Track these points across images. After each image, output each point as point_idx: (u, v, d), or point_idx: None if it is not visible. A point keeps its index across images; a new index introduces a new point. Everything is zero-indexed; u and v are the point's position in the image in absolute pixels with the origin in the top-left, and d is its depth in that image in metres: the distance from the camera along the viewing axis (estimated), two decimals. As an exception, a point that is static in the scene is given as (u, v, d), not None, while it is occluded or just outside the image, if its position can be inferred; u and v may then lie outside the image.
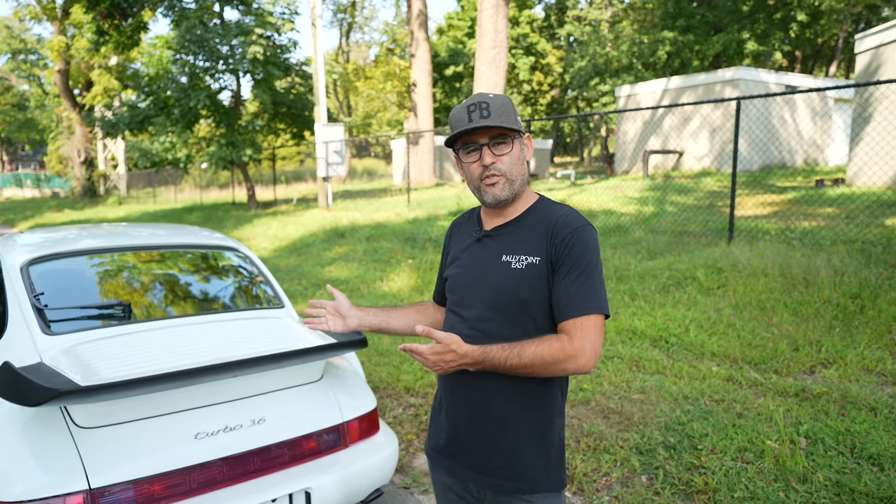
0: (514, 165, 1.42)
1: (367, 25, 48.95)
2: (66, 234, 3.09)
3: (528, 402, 1.42)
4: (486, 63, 14.13)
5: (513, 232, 1.45)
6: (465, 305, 1.47)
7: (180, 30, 15.40)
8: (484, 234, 1.49)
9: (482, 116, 1.37)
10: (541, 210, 1.47)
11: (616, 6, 32.50)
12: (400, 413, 3.76)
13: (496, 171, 1.41)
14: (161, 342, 2.23)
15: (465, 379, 1.43)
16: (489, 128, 1.39)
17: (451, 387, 1.50)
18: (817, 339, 4.32)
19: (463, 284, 1.49)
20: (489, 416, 1.43)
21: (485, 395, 1.43)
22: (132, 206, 25.56)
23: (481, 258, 1.47)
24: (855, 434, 3.01)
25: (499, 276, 1.41)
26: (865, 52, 11.79)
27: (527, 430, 1.43)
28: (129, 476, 1.80)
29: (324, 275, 8.15)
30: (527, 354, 1.31)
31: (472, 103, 1.40)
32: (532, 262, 1.38)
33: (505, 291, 1.39)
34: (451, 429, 1.50)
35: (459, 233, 1.60)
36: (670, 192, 11.70)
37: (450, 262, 1.59)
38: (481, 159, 1.41)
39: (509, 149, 1.42)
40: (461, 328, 1.46)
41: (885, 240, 6.02)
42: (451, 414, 1.50)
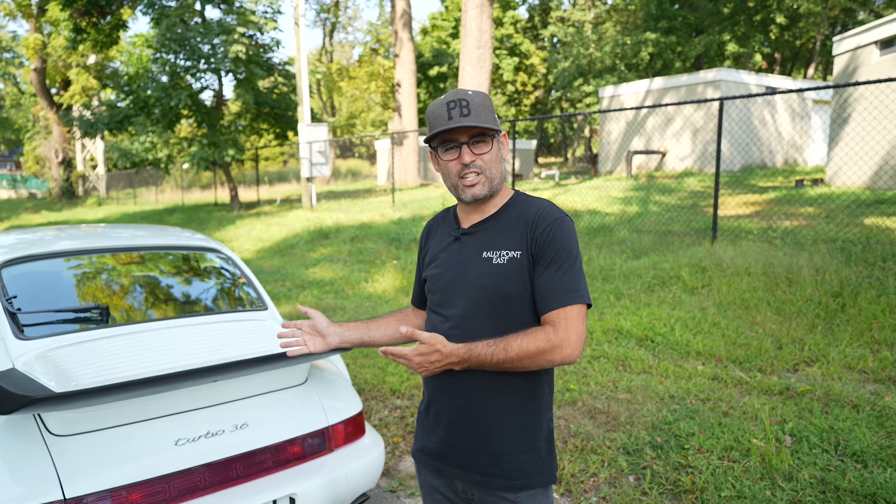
0: (493, 164, 1.42)
1: (350, 25, 48.77)
2: (43, 235, 3.00)
3: (516, 398, 1.41)
4: (470, 63, 14.13)
5: (491, 228, 1.44)
6: (448, 304, 1.45)
7: (160, 28, 15.19)
8: (462, 232, 1.48)
9: (462, 115, 1.36)
10: (518, 204, 1.46)
11: (599, 8, 32.73)
12: (386, 415, 3.72)
13: (476, 170, 1.40)
14: (140, 346, 2.17)
15: (453, 378, 1.41)
16: (469, 127, 1.37)
17: (438, 387, 1.47)
18: (800, 338, 4.36)
19: (444, 283, 1.47)
20: (478, 415, 1.41)
21: (473, 393, 1.41)
22: (112, 207, 25.16)
23: (461, 256, 1.45)
24: (839, 431, 3.03)
25: (481, 272, 1.40)
26: (843, 55, 11.99)
27: (516, 427, 1.41)
28: (105, 485, 1.74)
29: (308, 276, 8.07)
30: (512, 348, 1.30)
31: (451, 100, 1.37)
32: (514, 257, 1.38)
33: (488, 287, 1.38)
34: (440, 429, 1.48)
35: (437, 233, 1.58)
36: (654, 193, 11.79)
37: (428, 262, 1.56)
38: (460, 158, 1.40)
39: (488, 148, 1.40)
40: (444, 327, 1.44)
41: (864, 239, 6.11)
42: (439, 414, 1.48)
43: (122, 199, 30.07)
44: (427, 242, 1.61)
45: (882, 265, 5.22)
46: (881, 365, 3.85)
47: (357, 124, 41.10)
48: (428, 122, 1.43)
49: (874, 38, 10.96)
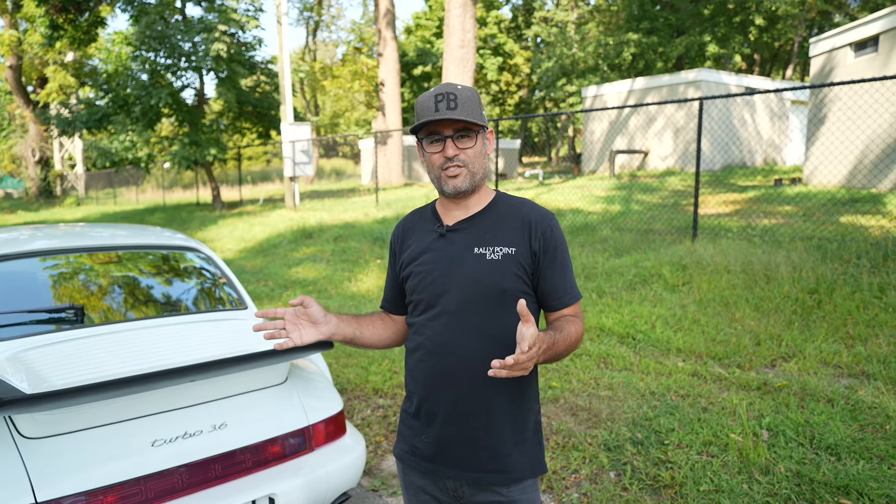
0: (477, 159, 1.43)
1: (333, 24, 48.45)
2: (18, 234, 2.94)
3: (510, 391, 1.42)
4: (454, 63, 14.14)
5: (479, 225, 1.45)
6: (438, 303, 1.43)
7: (140, 25, 14.97)
8: (448, 229, 1.47)
9: (449, 108, 1.36)
10: (504, 203, 1.49)
11: (582, 8, 32.94)
12: (368, 415, 3.71)
13: (459, 163, 1.41)
14: (116, 346, 2.14)
15: (447, 375, 1.42)
16: (454, 120, 1.38)
17: (431, 384, 1.45)
18: (778, 334, 4.43)
19: (433, 281, 1.44)
20: (473, 410, 1.41)
21: (466, 388, 1.41)
22: (91, 207, 24.76)
23: (450, 252, 1.44)
24: (814, 425, 3.09)
25: (474, 268, 1.40)
26: (819, 56, 12.20)
27: (509, 420, 1.42)
28: (79, 488, 1.71)
29: (291, 276, 8.02)
30: (571, 334, 1.37)
31: (439, 93, 1.38)
32: (508, 253, 1.39)
33: (483, 282, 1.39)
34: (433, 428, 1.46)
35: (414, 232, 1.55)
36: (636, 192, 11.89)
37: (409, 261, 1.52)
38: (444, 151, 1.40)
39: (473, 143, 1.41)
40: (434, 326, 1.43)
41: (839, 236, 6.22)
42: (432, 412, 1.46)
43: (101, 198, 29.61)
44: (404, 243, 1.56)
45: (857, 262, 5.32)
46: (855, 360, 3.93)
47: (341, 123, 40.91)
48: (416, 114, 1.43)
49: (849, 40, 11.18)
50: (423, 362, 1.46)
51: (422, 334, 1.47)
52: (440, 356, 1.43)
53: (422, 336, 1.47)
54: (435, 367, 1.44)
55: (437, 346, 1.44)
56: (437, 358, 1.44)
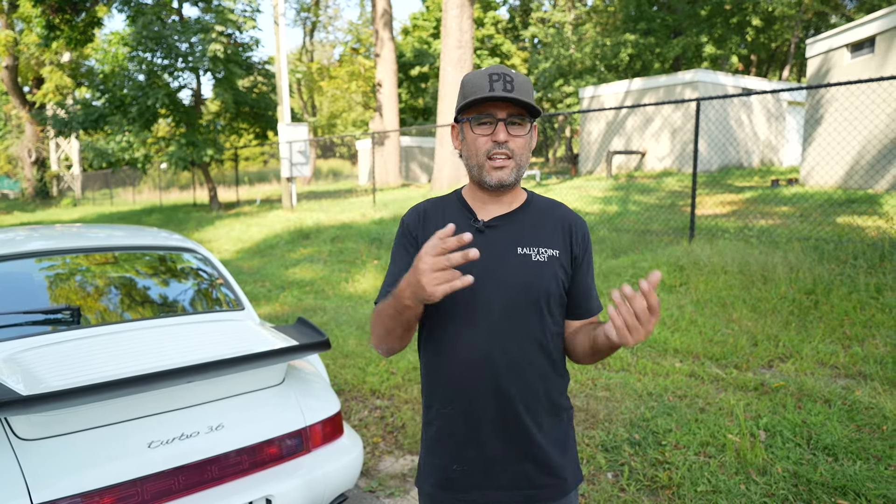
0: (524, 152, 1.30)
1: (331, 25, 48.46)
2: (14, 235, 2.93)
3: (554, 396, 1.35)
4: (451, 63, 14.14)
5: (520, 223, 1.34)
6: (476, 307, 1.28)
7: (137, 26, 14.94)
8: (486, 224, 1.33)
9: (505, 89, 1.23)
10: (540, 202, 1.41)
11: (579, 9, 32.98)
12: (366, 416, 3.70)
13: (507, 152, 1.27)
14: (112, 347, 2.13)
15: (490, 387, 1.29)
16: (511, 102, 1.24)
17: (468, 400, 1.31)
18: (775, 334, 4.44)
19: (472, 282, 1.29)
20: (521, 423, 1.30)
21: (515, 400, 1.29)
22: (88, 207, 24.70)
23: (490, 251, 1.29)
24: (811, 426, 3.09)
25: (520, 269, 1.29)
26: (816, 57, 12.24)
27: (555, 429, 1.35)
28: (75, 489, 1.70)
29: (288, 276, 8.00)
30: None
31: (494, 72, 1.25)
32: (553, 255, 1.32)
33: (532, 286, 1.28)
34: (471, 449, 1.32)
35: (441, 221, 1.35)
36: (633, 192, 11.91)
37: None
38: (494, 134, 1.26)
39: (525, 132, 1.28)
40: (475, 333, 1.28)
41: (836, 237, 6.24)
42: (471, 431, 1.31)
43: (98, 199, 29.53)
44: (426, 231, 1.36)
45: (853, 263, 5.33)
46: (852, 360, 3.93)
47: (338, 124, 40.89)
48: (462, 92, 1.30)
49: (845, 41, 11.21)
50: (463, 376, 1.30)
51: (455, 344, 1.30)
52: (483, 368, 1.28)
53: (456, 346, 1.30)
54: (478, 381, 1.29)
55: (478, 357, 1.28)
56: (479, 370, 1.28)
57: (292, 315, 5.95)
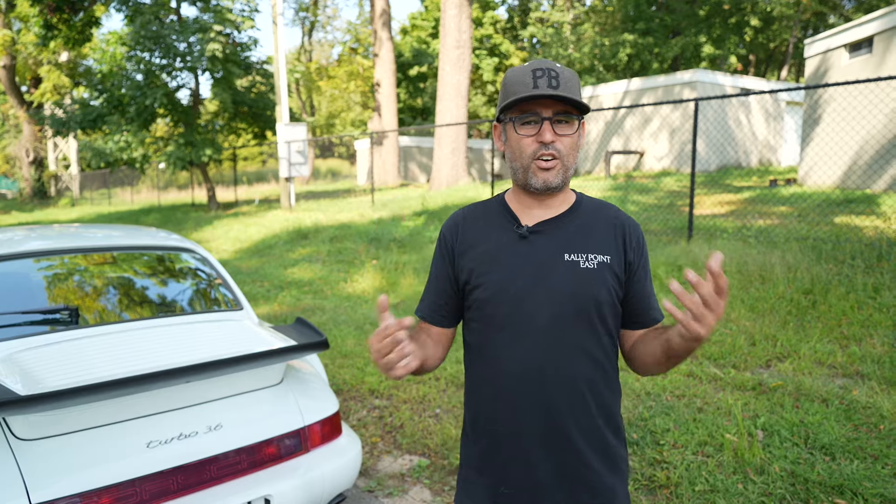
0: (572, 151, 1.22)
1: (329, 24, 48.40)
2: (12, 235, 2.93)
3: (609, 412, 1.27)
4: (450, 63, 14.14)
5: (567, 228, 1.25)
6: (523, 318, 1.21)
7: (135, 25, 14.93)
8: (530, 230, 1.25)
9: (551, 85, 1.16)
10: (588, 203, 1.31)
11: (578, 9, 33.00)
12: (364, 415, 3.71)
13: (554, 152, 1.19)
14: (111, 347, 2.13)
15: (539, 404, 1.21)
16: (558, 99, 1.16)
17: (516, 418, 1.23)
18: (773, 334, 4.44)
19: (517, 292, 1.22)
20: (572, 442, 1.23)
21: (567, 417, 1.22)
22: (86, 207, 24.66)
23: (535, 258, 1.22)
24: (808, 425, 3.10)
25: (568, 277, 1.21)
26: (814, 57, 12.25)
27: (608, 448, 1.27)
28: (74, 489, 1.70)
29: (287, 276, 8.00)
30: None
31: (538, 67, 1.18)
32: (603, 261, 1.23)
33: (580, 294, 1.20)
34: (518, 470, 1.24)
35: (481, 230, 1.30)
36: (632, 192, 11.92)
37: (477, 266, 1.28)
38: (539, 134, 1.19)
39: (572, 130, 1.21)
40: (522, 347, 1.22)
41: (834, 237, 6.25)
42: (518, 451, 1.24)
43: (96, 199, 29.49)
44: (464, 240, 1.31)
45: (851, 262, 5.34)
46: (850, 360, 3.94)
47: (337, 124, 40.87)
48: (504, 90, 1.23)
49: (843, 41, 11.23)
50: (510, 391, 1.23)
51: (502, 357, 1.24)
52: (532, 383, 1.21)
53: (502, 359, 1.24)
54: (526, 396, 1.22)
55: (526, 370, 1.21)
56: (527, 384, 1.21)
57: (291, 315, 5.95)
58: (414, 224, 10.04)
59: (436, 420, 3.55)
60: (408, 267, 7.64)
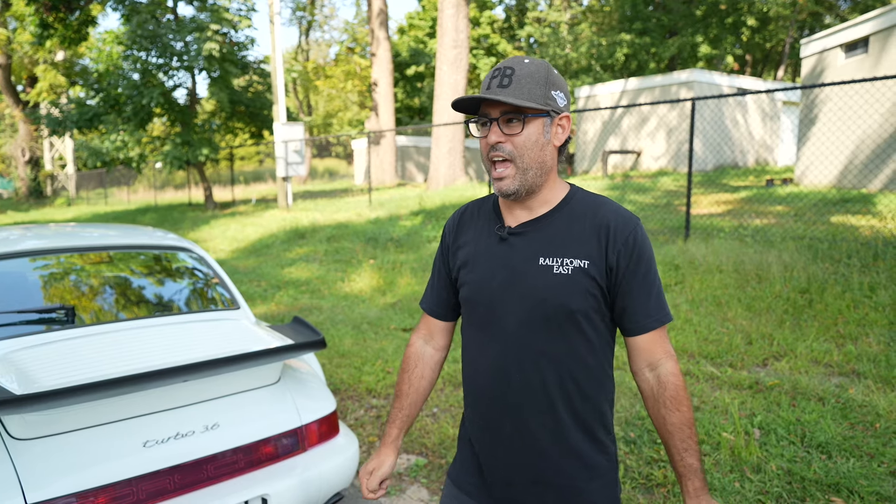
0: (528, 150, 1.17)
1: (326, 24, 48.37)
2: (8, 234, 2.92)
3: (584, 418, 1.25)
4: (447, 63, 14.14)
5: (546, 229, 1.22)
6: (495, 321, 1.23)
7: (131, 25, 14.89)
8: (510, 231, 1.24)
9: (500, 85, 1.15)
10: (579, 203, 1.24)
11: (575, 9, 33.03)
12: (362, 415, 3.70)
13: (504, 155, 1.17)
14: (107, 347, 2.12)
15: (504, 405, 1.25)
16: (489, 101, 1.16)
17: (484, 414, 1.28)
18: (769, 333, 4.45)
19: (490, 295, 1.23)
20: (537, 445, 1.25)
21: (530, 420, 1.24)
22: (82, 207, 24.60)
23: (511, 261, 1.22)
24: (805, 424, 3.10)
25: (538, 282, 1.18)
26: (810, 57, 12.29)
27: (582, 453, 1.25)
28: (70, 489, 1.70)
29: (284, 276, 7.99)
30: (691, 419, 1.24)
31: (498, 68, 1.18)
32: (580, 266, 1.17)
33: (549, 301, 1.17)
34: (487, 464, 1.30)
35: (471, 228, 1.33)
36: (629, 192, 11.93)
37: (461, 264, 1.31)
38: (487, 136, 1.19)
39: (519, 129, 1.16)
40: (494, 348, 1.24)
41: (830, 236, 6.27)
42: (487, 446, 1.30)
43: (92, 199, 29.41)
44: (458, 238, 1.34)
45: (847, 262, 5.36)
46: (846, 359, 3.95)
47: (334, 123, 40.84)
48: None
49: (839, 41, 11.26)
50: (481, 388, 1.28)
51: (479, 356, 1.28)
52: (500, 385, 1.23)
53: (479, 359, 1.28)
54: (494, 395, 1.25)
55: (495, 372, 1.24)
56: (495, 385, 1.24)
57: (288, 314, 5.94)
58: (411, 224, 10.04)
59: (433, 419, 3.55)
60: (405, 266, 7.64)
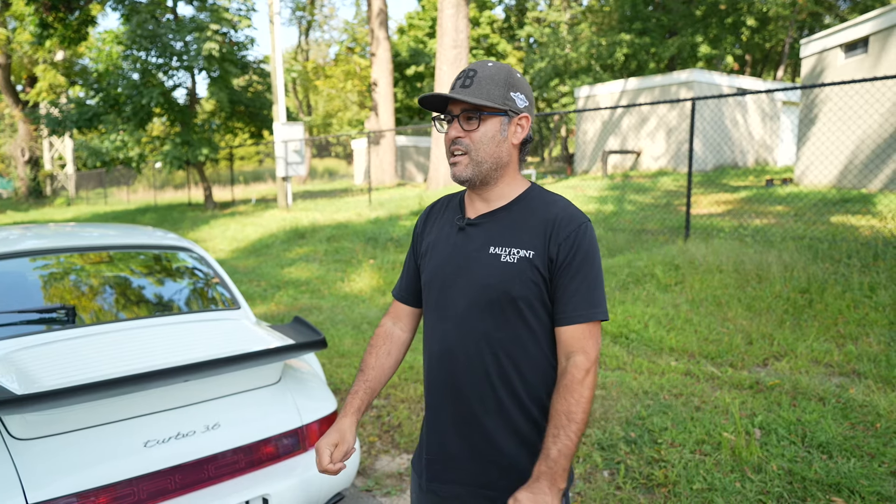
0: (483, 145, 1.28)
1: (326, 24, 48.37)
2: (8, 234, 2.91)
3: (524, 400, 1.30)
4: (447, 63, 14.14)
5: (500, 221, 1.32)
6: (447, 304, 1.33)
7: (131, 24, 14.88)
8: (468, 222, 1.35)
9: (462, 86, 1.27)
10: (534, 199, 1.34)
11: (575, 9, 33.04)
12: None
13: (462, 148, 1.29)
14: (108, 347, 2.12)
15: (450, 383, 1.33)
16: (450, 99, 1.28)
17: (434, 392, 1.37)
18: (770, 333, 4.45)
19: (444, 279, 1.34)
20: (478, 423, 1.32)
21: (472, 399, 1.31)
22: (82, 207, 24.59)
23: (465, 249, 1.32)
24: (805, 423, 3.10)
25: (486, 269, 1.28)
26: (810, 57, 12.29)
27: (523, 433, 1.31)
28: (71, 489, 1.69)
29: (284, 276, 7.99)
30: (576, 412, 1.19)
31: (464, 70, 1.30)
32: (525, 256, 1.26)
33: (493, 287, 1.27)
34: (437, 439, 1.38)
35: (438, 220, 1.45)
36: (629, 192, 11.93)
37: (424, 251, 1.43)
38: (448, 132, 1.32)
39: (475, 126, 1.28)
40: (443, 329, 1.34)
41: (830, 236, 6.27)
42: (437, 422, 1.38)
43: (92, 198, 29.39)
44: (424, 229, 1.47)
45: (847, 262, 5.36)
46: (846, 358, 3.95)
47: (333, 123, 40.83)
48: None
49: (839, 41, 11.26)
50: (432, 370, 1.38)
51: (431, 338, 1.38)
52: (446, 363, 1.34)
53: (431, 340, 1.38)
54: (441, 376, 1.35)
55: (443, 353, 1.34)
56: (443, 366, 1.34)
57: (288, 314, 5.94)
58: (411, 223, 10.04)
59: (434, 419, 3.55)
60: (405, 266, 7.63)
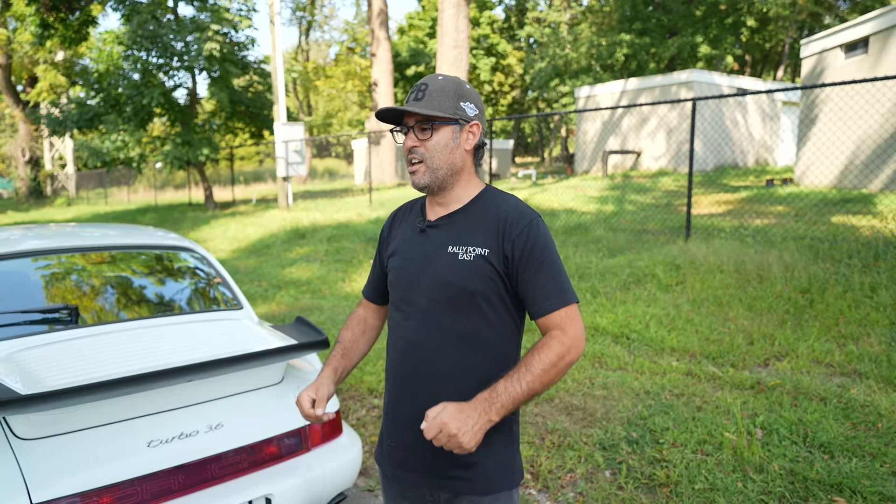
0: (437, 153, 1.37)
1: (326, 24, 48.36)
2: (9, 234, 2.92)
3: (474, 392, 1.32)
4: (447, 63, 14.14)
5: (457, 222, 1.40)
6: (410, 301, 1.41)
7: (131, 25, 14.88)
8: (428, 224, 1.44)
9: (415, 99, 1.36)
10: (487, 200, 1.42)
11: (575, 9, 33.04)
12: (363, 415, 3.70)
13: (417, 157, 1.38)
14: (111, 347, 2.12)
15: (412, 376, 1.40)
16: (406, 112, 1.36)
17: (396, 384, 1.44)
18: (771, 333, 4.46)
19: (408, 278, 1.42)
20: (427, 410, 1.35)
21: (432, 391, 1.36)
22: (82, 207, 24.59)
23: (425, 249, 1.41)
24: (807, 423, 3.11)
25: (445, 267, 1.36)
26: (810, 57, 12.29)
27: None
28: (74, 489, 1.70)
29: (284, 276, 7.99)
30: (535, 366, 1.24)
31: (416, 84, 1.40)
32: (481, 254, 1.34)
33: (452, 283, 1.34)
34: (398, 430, 1.44)
35: (402, 223, 1.53)
36: (629, 192, 11.93)
37: (390, 253, 1.51)
38: (405, 142, 1.40)
39: (428, 135, 1.36)
40: (408, 325, 1.41)
41: (831, 236, 6.27)
42: (398, 413, 1.44)
43: (92, 198, 29.40)
44: (390, 232, 1.56)
45: (848, 262, 5.36)
46: (847, 358, 3.96)
47: (334, 123, 40.83)
48: None
49: (839, 41, 11.27)
50: (396, 362, 1.45)
51: (396, 333, 1.45)
52: (410, 356, 1.40)
53: (396, 335, 1.45)
54: (405, 368, 1.41)
55: (407, 346, 1.41)
56: (407, 358, 1.41)
57: (289, 314, 5.95)
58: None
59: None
60: (406, 266, 7.63)
